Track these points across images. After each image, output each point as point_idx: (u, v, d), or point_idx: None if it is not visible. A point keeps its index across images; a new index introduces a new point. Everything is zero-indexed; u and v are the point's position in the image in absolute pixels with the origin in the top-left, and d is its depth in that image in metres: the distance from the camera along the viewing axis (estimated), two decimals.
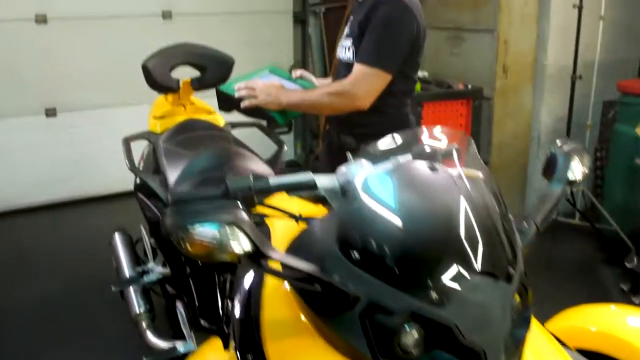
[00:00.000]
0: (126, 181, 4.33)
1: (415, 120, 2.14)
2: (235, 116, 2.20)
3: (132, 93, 4.30)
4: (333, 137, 2.21)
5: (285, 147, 2.52)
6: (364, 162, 1.17)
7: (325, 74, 5.20)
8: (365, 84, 1.87)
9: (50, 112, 4.12)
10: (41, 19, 4.00)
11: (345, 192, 1.06)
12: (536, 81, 3.64)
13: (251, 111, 2.00)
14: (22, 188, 4.08)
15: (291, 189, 1.12)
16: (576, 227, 3.72)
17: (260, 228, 1.09)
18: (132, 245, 2.63)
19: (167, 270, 2.34)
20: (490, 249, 0.96)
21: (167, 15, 4.30)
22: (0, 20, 3.87)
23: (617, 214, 3.44)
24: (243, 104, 1.98)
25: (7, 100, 3.98)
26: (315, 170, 1.16)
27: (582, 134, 3.63)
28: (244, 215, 0.93)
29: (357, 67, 1.89)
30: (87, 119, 4.22)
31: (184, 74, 2.60)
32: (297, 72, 2.09)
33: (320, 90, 1.98)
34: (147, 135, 2.54)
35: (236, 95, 2.00)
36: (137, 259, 2.56)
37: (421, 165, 1.09)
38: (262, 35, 4.65)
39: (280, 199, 1.32)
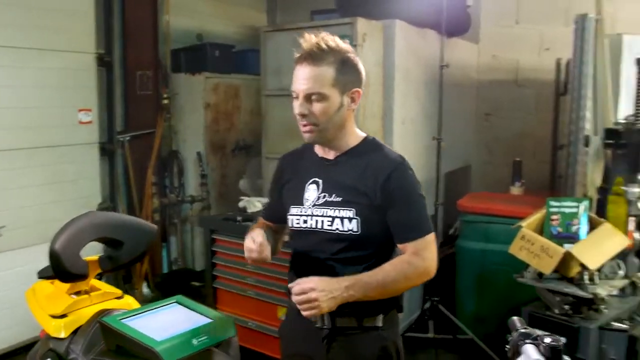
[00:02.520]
0: None
1: None
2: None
3: None
4: (320, 319, 1.85)
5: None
6: None
7: (130, 207, 4.62)
8: (431, 253, 1.76)
9: None
10: None
11: None
12: None
13: None
14: None
15: None
16: (432, 340, 3.84)
17: None
18: None
19: None
20: None
21: None
22: None
23: (470, 323, 3.74)
24: (306, 314, 1.65)
25: None
26: None
27: None
28: None
29: (415, 244, 1.74)
30: None
31: None
32: None
33: (389, 274, 1.71)
34: (52, 344, 1.84)
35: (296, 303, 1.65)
36: None
37: None
38: (66, 171, 3.95)
39: None
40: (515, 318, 1.51)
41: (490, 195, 4.22)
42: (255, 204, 3.68)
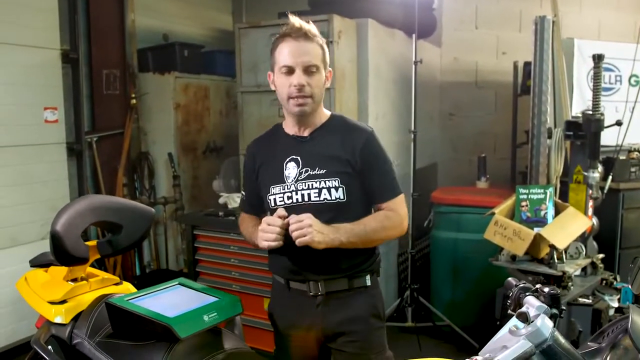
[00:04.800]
0: None
1: None
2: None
3: None
4: (312, 288, 1.91)
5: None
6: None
7: None
8: (403, 210, 1.95)
9: None
10: None
11: None
12: None
13: None
14: None
15: None
16: (413, 328, 3.89)
17: None
18: None
19: None
20: None
21: None
22: None
23: (446, 310, 3.87)
24: (299, 242, 1.75)
25: None
26: None
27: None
28: None
29: (392, 203, 1.92)
30: None
31: None
32: None
33: (369, 223, 1.87)
34: (54, 330, 1.84)
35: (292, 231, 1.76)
36: None
37: None
38: (32, 172, 3.83)
39: None
40: (510, 278, 1.60)
41: (459, 188, 4.38)
42: (235, 199, 3.72)
